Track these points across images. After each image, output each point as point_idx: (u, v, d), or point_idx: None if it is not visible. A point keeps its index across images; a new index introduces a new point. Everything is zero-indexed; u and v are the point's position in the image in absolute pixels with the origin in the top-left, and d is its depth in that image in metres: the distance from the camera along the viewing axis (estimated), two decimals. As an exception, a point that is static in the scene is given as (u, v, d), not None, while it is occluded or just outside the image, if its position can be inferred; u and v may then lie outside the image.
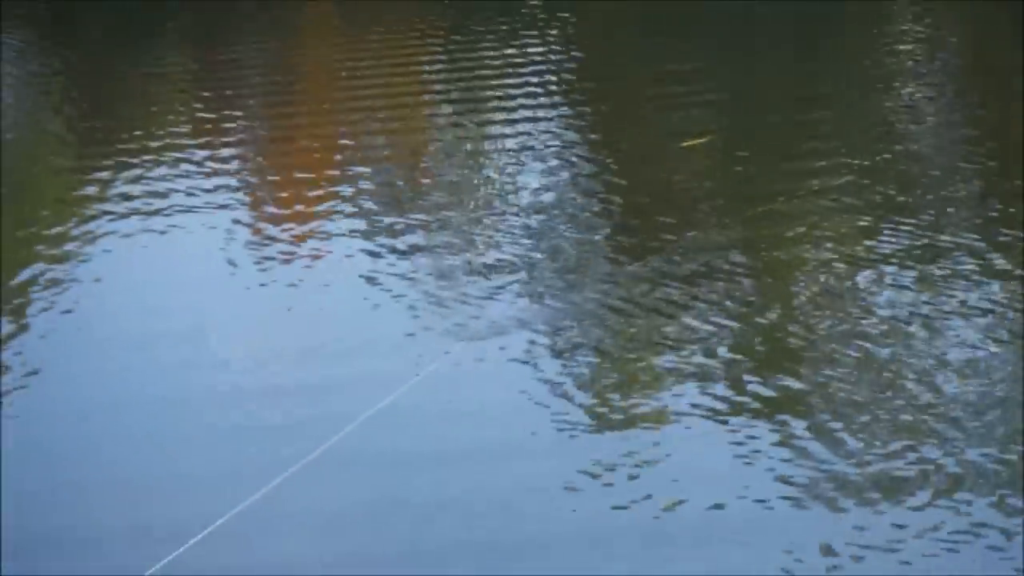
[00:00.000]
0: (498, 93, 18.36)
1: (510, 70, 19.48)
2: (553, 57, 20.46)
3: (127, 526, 8.05)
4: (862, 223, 12.46)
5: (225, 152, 15.96)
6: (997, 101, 16.45)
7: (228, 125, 17.31)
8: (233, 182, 14.79)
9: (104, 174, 15.06)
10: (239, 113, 18.07)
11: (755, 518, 7.97)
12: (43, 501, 8.34)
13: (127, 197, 14.21)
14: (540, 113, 17.01)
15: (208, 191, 14.29)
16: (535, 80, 18.73)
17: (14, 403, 9.68)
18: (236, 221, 13.32)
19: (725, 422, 9.02)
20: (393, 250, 12.25)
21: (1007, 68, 17.69)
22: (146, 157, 15.64)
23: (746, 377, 9.59)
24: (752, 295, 11.04)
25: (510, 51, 20.63)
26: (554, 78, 18.99)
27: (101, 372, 10.20)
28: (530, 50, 20.69)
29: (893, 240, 11.92)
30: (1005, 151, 14.35)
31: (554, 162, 14.76)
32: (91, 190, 14.67)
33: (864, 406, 9.08)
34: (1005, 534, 7.65)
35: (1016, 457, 8.36)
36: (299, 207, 13.88)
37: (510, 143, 15.74)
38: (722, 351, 9.99)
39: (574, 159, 14.96)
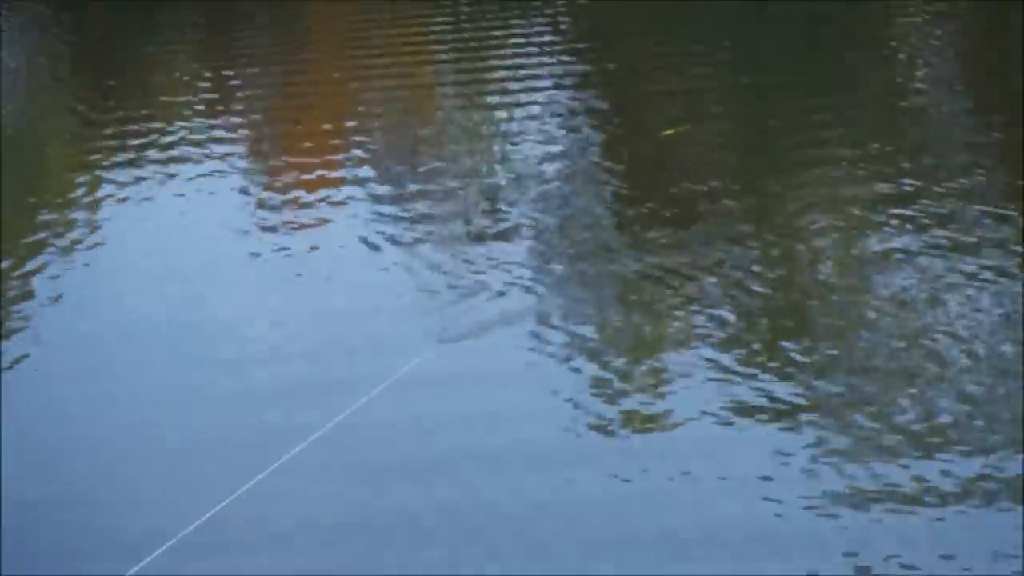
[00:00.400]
0: (507, 72, 18.46)
1: (520, 50, 19.71)
2: (563, 40, 20.55)
3: (106, 526, 8.00)
4: (872, 214, 12.40)
5: (233, 121, 16.23)
6: (1003, 96, 16.49)
7: (236, 95, 17.58)
8: (240, 150, 15.04)
9: (113, 141, 15.35)
10: (247, 84, 18.36)
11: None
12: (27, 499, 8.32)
13: (135, 163, 14.44)
14: (548, 95, 17.07)
15: (216, 158, 14.59)
16: (543, 60, 18.92)
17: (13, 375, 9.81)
18: (241, 190, 13.63)
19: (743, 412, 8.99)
20: (394, 233, 12.26)
21: (1012, 64, 17.72)
22: (155, 124, 15.92)
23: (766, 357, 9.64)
24: (766, 278, 11.06)
25: (520, 32, 20.94)
26: (564, 61, 19.05)
27: (82, 365, 10.10)
28: (539, 31, 21.00)
29: (904, 229, 11.90)
30: (1008, 146, 14.39)
31: (563, 145, 14.83)
32: (99, 157, 14.87)
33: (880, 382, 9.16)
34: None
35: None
36: (305, 176, 14.04)
37: (517, 123, 15.82)
38: (736, 330, 10.04)
39: (583, 141, 15.04)
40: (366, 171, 14.29)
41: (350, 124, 16.31)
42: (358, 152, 15.03)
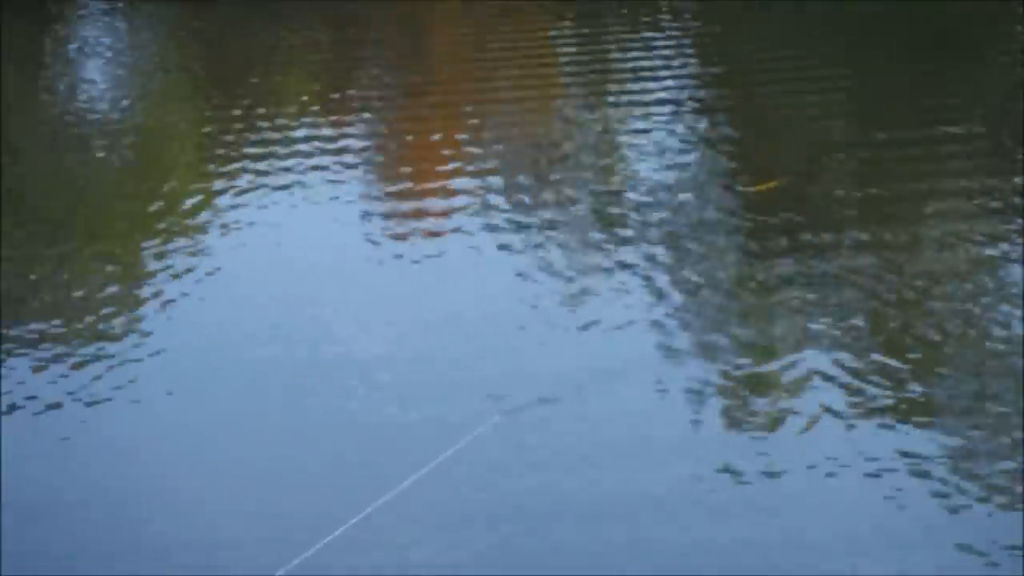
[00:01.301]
0: (629, 88, 18.30)
1: (640, 64, 19.56)
2: (683, 57, 20.32)
3: (255, 526, 8.08)
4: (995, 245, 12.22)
5: (351, 132, 16.36)
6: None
7: (356, 105, 17.72)
8: (359, 161, 15.18)
9: (234, 150, 15.63)
10: (367, 90, 18.56)
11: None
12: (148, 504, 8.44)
13: (257, 172, 14.70)
14: (670, 110, 16.93)
15: (334, 170, 14.77)
16: (665, 76, 18.74)
17: (137, 382, 9.97)
18: (361, 206, 13.75)
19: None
20: (515, 248, 12.28)
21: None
22: (276, 132, 16.25)
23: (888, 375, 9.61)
24: (885, 294, 11.02)
25: (640, 46, 20.74)
26: (684, 77, 18.86)
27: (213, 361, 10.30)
28: (659, 45, 20.79)
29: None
30: None
31: (683, 161, 14.74)
32: (221, 165, 15.13)
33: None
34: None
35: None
36: (425, 187, 14.16)
37: (641, 139, 15.69)
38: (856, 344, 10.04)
39: (704, 159, 14.90)
40: (485, 183, 14.26)
41: (469, 136, 16.29)
42: (476, 164, 14.99)
